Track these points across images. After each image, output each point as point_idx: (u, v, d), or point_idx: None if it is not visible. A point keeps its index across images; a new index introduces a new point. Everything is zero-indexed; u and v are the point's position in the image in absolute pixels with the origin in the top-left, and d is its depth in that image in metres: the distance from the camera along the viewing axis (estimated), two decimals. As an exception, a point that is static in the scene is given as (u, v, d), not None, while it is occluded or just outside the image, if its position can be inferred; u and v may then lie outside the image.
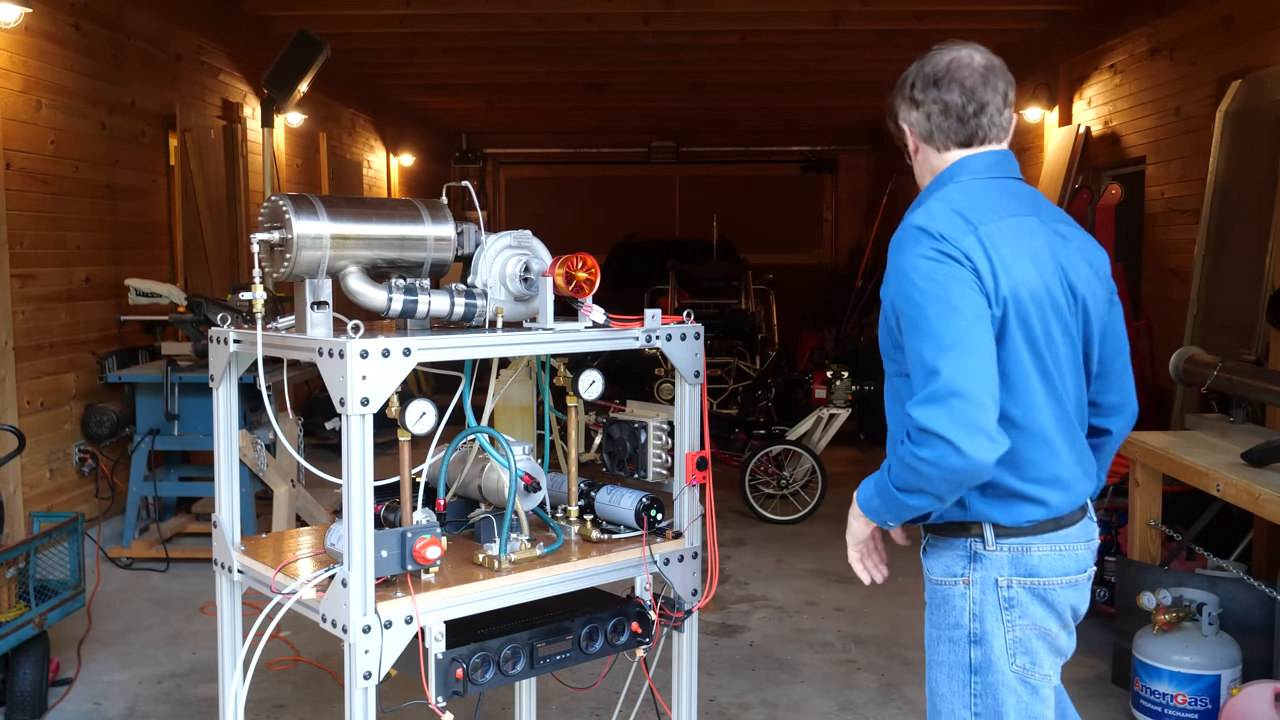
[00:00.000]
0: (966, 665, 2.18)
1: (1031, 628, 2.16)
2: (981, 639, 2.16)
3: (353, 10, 8.60)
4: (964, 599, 2.17)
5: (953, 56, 2.21)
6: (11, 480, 5.35)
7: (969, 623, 2.17)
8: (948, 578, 2.20)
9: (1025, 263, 2.08)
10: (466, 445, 2.55)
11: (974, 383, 1.97)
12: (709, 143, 16.37)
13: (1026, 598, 2.15)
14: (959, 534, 2.18)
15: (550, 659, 2.36)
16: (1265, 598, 3.74)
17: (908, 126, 2.28)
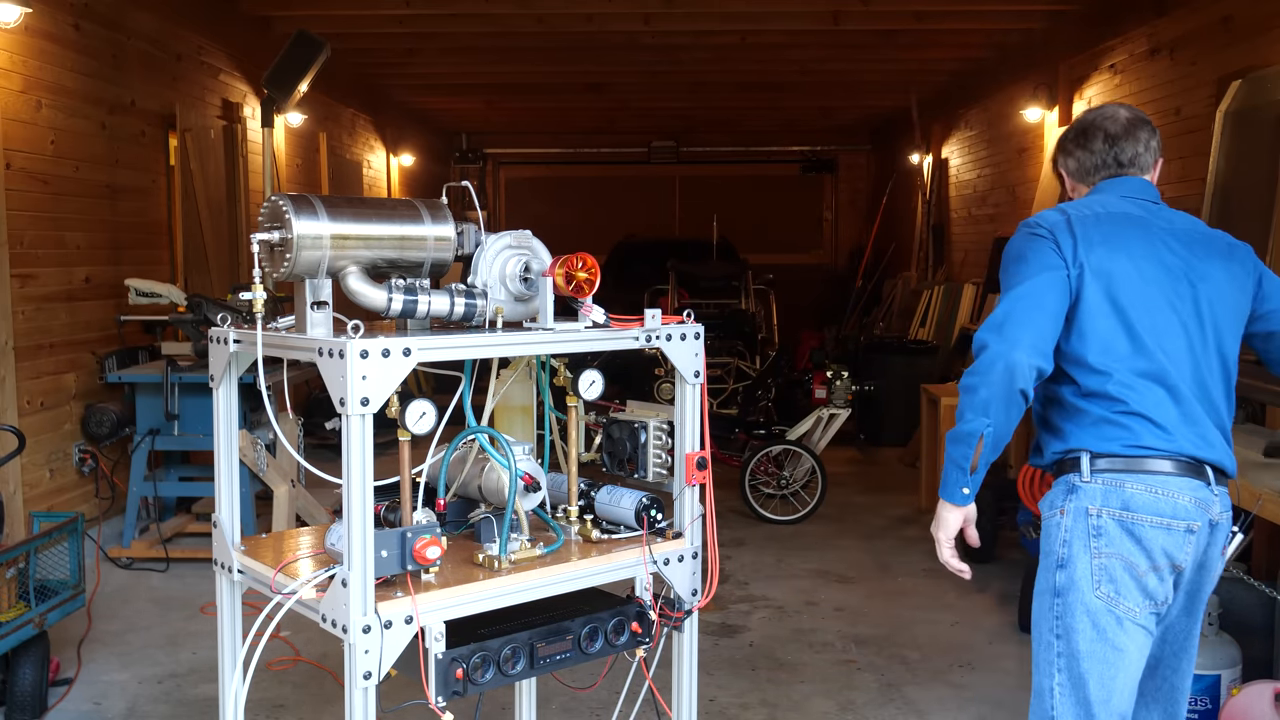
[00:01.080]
0: (1052, 589, 2.41)
1: (1117, 558, 2.35)
2: (1067, 563, 2.39)
3: (353, 10, 8.61)
4: (1058, 528, 2.41)
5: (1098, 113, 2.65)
6: (11, 480, 5.35)
7: (1059, 549, 2.40)
8: (1050, 511, 2.44)
9: (1113, 246, 2.43)
10: (466, 445, 2.55)
11: (1023, 308, 2.38)
12: (709, 143, 16.37)
13: (1115, 529, 2.35)
14: (1063, 470, 2.44)
15: (550, 659, 2.36)
16: (1265, 598, 3.74)
17: (1064, 172, 2.70)
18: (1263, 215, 5.55)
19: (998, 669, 4.52)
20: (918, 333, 11.06)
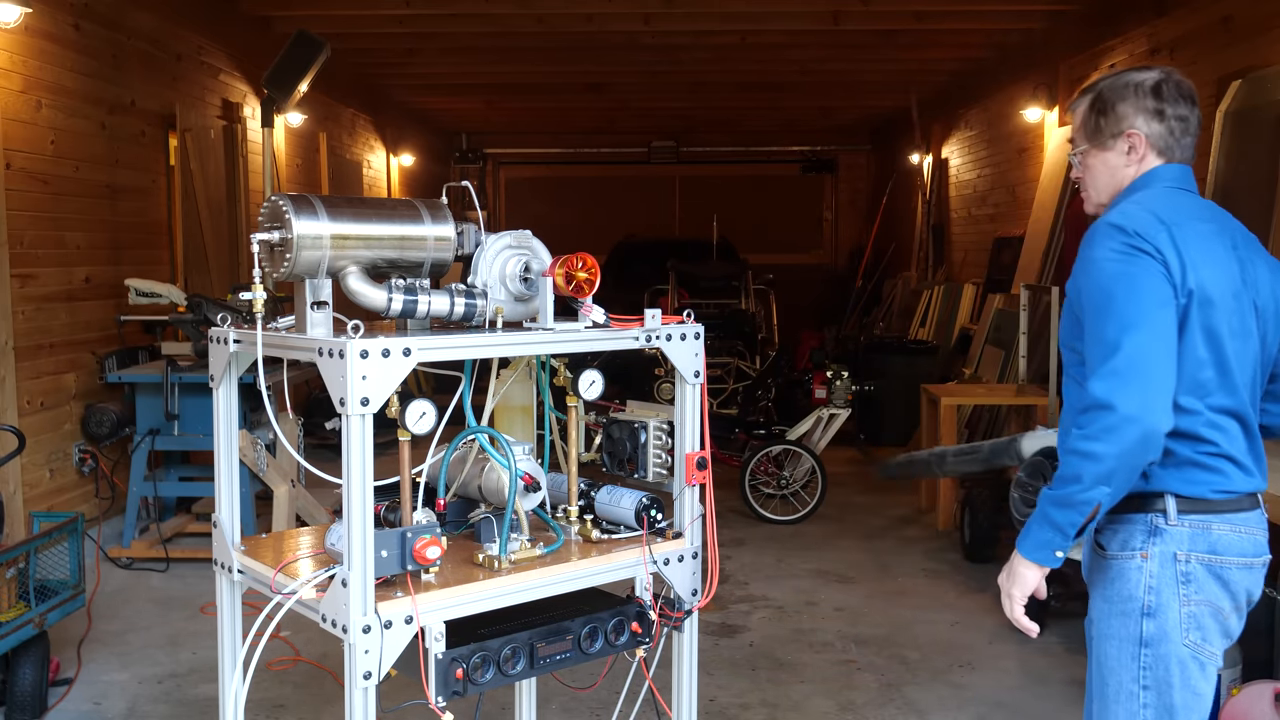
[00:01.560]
0: (1137, 638, 2.25)
1: (1206, 604, 2.24)
2: (1155, 612, 2.23)
3: (353, 10, 8.61)
4: (1140, 572, 2.24)
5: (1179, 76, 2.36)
6: (11, 480, 5.35)
7: (1143, 595, 2.23)
8: (1124, 552, 2.26)
9: (1210, 263, 2.21)
10: (466, 445, 2.55)
11: (1154, 359, 2.11)
12: (709, 143, 16.37)
13: (1203, 574, 2.23)
14: (1140, 509, 2.25)
15: (550, 659, 2.36)
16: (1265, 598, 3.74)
17: (1142, 135, 2.34)
18: (1263, 215, 5.55)
19: (998, 669, 4.52)
20: (918, 333, 11.07)
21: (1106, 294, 2.16)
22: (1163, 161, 2.34)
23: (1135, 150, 2.34)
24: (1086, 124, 2.38)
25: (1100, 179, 2.39)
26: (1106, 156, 2.37)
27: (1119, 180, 2.36)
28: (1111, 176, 2.37)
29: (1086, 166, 2.41)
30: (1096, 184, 2.40)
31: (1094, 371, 2.13)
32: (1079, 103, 2.42)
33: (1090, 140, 2.38)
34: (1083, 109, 2.40)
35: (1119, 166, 2.36)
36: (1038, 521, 2.20)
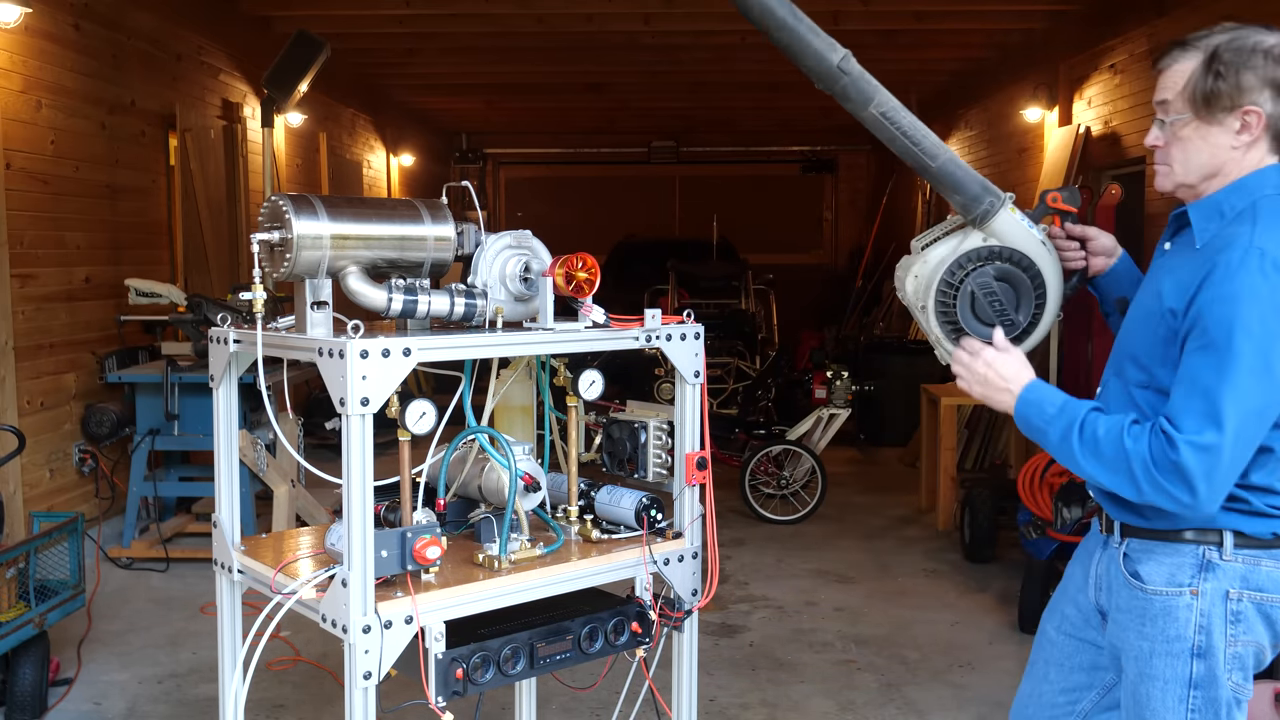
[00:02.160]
0: (1186, 680, 2.06)
1: (1252, 644, 2.07)
2: (1206, 653, 2.05)
3: (353, 10, 8.61)
4: (1190, 610, 2.05)
5: None
6: (11, 480, 5.35)
7: (1193, 635, 2.05)
8: (1172, 587, 2.06)
9: None
10: (466, 445, 2.55)
11: (1246, 448, 1.93)
12: (709, 143, 16.37)
13: (1253, 613, 2.05)
14: (1189, 540, 2.05)
15: (550, 659, 2.36)
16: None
17: (1264, 115, 1.99)
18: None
19: (998, 669, 4.52)
20: (918, 333, 11.06)
21: (1233, 347, 1.88)
22: (1274, 155, 2.03)
23: (1249, 131, 2.00)
24: (1195, 87, 2.01)
25: (1196, 157, 2.05)
26: (1212, 132, 2.02)
27: (1219, 164, 2.03)
28: (1212, 157, 2.03)
29: (1180, 138, 2.05)
30: (1188, 161, 2.05)
31: (1186, 420, 1.90)
32: (1182, 58, 2.07)
33: (1196, 108, 2.01)
34: (1191, 67, 2.03)
35: (1224, 147, 2.02)
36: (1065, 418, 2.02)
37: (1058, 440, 2.04)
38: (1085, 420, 2.02)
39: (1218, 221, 2.02)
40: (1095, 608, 2.26)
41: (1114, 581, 2.17)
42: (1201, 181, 2.06)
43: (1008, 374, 2.12)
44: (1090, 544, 2.31)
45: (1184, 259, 2.05)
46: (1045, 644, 2.38)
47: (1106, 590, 2.21)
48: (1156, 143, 2.10)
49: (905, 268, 2.38)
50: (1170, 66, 2.07)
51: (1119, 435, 1.97)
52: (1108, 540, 2.21)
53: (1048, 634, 2.38)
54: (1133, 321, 2.16)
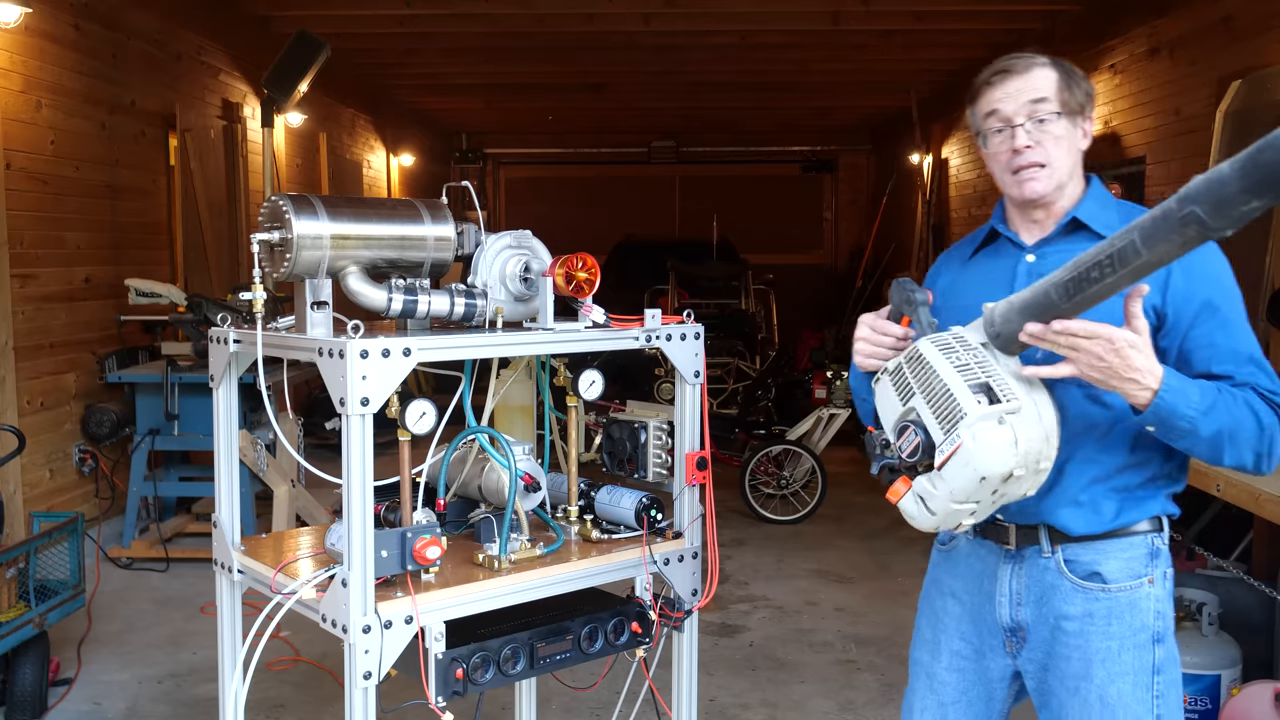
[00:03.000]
0: (1151, 667, 2.07)
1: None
2: (1164, 637, 2.09)
3: (353, 10, 8.61)
4: (1149, 599, 2.08)
5: None
6: (11, 480, 5.35)
7: (1154, 622, 2.08)
8: (1132, 580, 2.07)
9: None
10: (466, 445, 2.55)
11: None
12: (709, 143, 16.38)
13: (1173, 588, 2.15)
14: (1141, 531, 2.09)
15: (550, 659, 2.36)
16: (1265, 598, 3.74)
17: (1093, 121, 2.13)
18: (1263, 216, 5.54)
19: (998, 669, 4.52)
20: (918, 333, 11.05)
21: (1240, 311, 2.03)
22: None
23: (1088, 138, 2.11)
24: (1066, 90, 2.05)
25: (1069, 155, 2.08)
26: (1073, 135, 2.08)
27: (1076, 170, 2.10)
28: (1075, 161, 2.09)
29: (1056, 137, 2.05)
30: (1065, 159, 2.07)
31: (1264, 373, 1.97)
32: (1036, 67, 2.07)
33: (1065, 106, 2.05)
34: (1051, 74, 2.06)
35: (1077, 150, 2.10)
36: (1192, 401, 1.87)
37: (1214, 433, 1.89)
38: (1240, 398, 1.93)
39: (1118, 220, 2.03)
40: (1006, 628, 2.17)
41: (1051, 592, 2.10)
42: (1067, 181, 2.09)
43: (1139, 363, 1.83)
44: (984, 564, 2.19)
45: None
46: (937, 686, 2.27)
47: (1034, 604, 2.13)
48: (1030, 143, 2.04)
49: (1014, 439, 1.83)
50: (1031, 70, 2.06)
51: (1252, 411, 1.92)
52: (1023, 552, 2.12)
53: (937, 675, 2.27)
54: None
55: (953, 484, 1.81)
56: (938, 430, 1.82)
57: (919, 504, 1.87)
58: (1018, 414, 1.79)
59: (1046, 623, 2.11)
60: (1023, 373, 1.85)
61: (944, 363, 1.84)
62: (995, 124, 2.07)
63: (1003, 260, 2.16)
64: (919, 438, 1.84)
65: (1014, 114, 2.04)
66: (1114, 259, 1.66)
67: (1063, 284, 1.75)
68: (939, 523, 1.89)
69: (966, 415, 1.78)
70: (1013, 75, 2.06)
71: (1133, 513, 2.07)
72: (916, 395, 1.87)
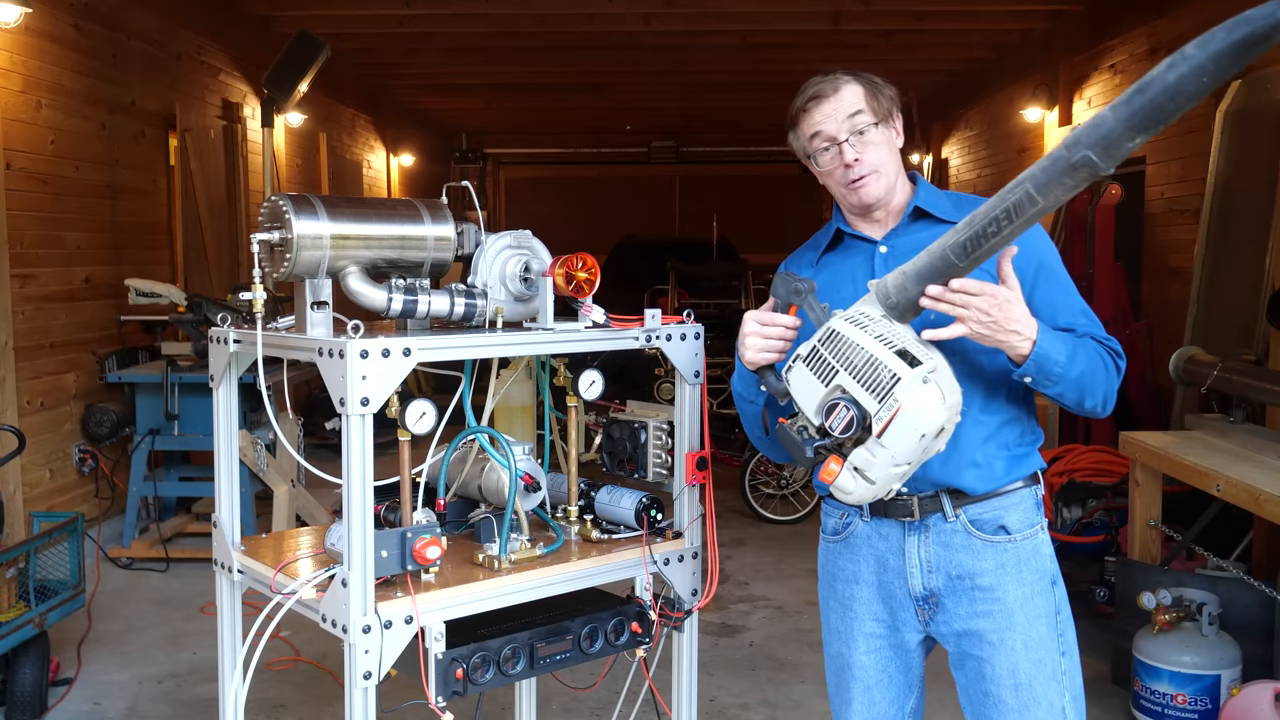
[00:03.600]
0: (1054, 609, 2.23)
1: None
2: (1058, 579, 2.26)
3: (353, 10, 8.61)
4: (1044, 544, 2.25)
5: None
6: (11, 480, 5.35)
7: (1050, 566, 2.25)
8: (1029, 529, 2.23)
9: None
10: (466, 445, 2.55)
11: None
12: (709, 143, 16.38)
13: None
14: (1029, 484, 2.25)
15: (550, 659, 2.36)
16: (1265, 598, 3.74)
17: (900, 119, 2.33)
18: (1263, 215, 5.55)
19: (998, 669, 4.51)
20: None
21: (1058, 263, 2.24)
22: None
23: (900, 138, 2.28)
24: (869, 97, 2.20)
25: (892, 158, 2.25)
26: (890, 137, 2.24)
27: (898, 163, 2.27)
28: (897, 160, 2.26)
29: (877, 144, 2.21)
30: (891, 161, 2.24)
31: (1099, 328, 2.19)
32: (843, 85, 2.20)
33: (876, 114, 2.20)
34: (857, 88, 2.20)
35: (896, 149, 2.27)
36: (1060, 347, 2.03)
37: (1079, 376, 2.07)
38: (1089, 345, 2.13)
39: (948, 204, 2.26)
40: (918, 598, 2.25)
41: (961, 553, 2.21)
42: (896, 180, 2.25)
43: (1019, 315, 1.99)
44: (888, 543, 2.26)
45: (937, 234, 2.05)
46: (859, 672, 2.36)
47: (942, 569, 2.22)
48: (857, 155, 2.19)
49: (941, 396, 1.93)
50: (840, 90, 2.20)
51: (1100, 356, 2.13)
52: (928, 522, 2.22)
53: (856, 661, 2.35)
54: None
55: (894, 448, 1.89)
56: (870, 400, 1.89)
57: (856, 477, 1.94)
58: (937, 371, 1.91)
59: (962, 584, 2.22)
60: (922, 337, 1.97)
61: (863, 335, 1.94)
62: (821, 144, 2.22)
63: (855, 256, 2.29)
64: (851, 412, 1.90)
65: (836, 132, 2.19)
66: (1010, 212, 1.80)
67: (960, 245, 1.88)
68: (877, 491, 1.95)
69: (900, 379, 1.87)
70: (825, 99, 2.20)
71: (1019, 468, 2.22)
72: (840, 373, 1.94)
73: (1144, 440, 4.27)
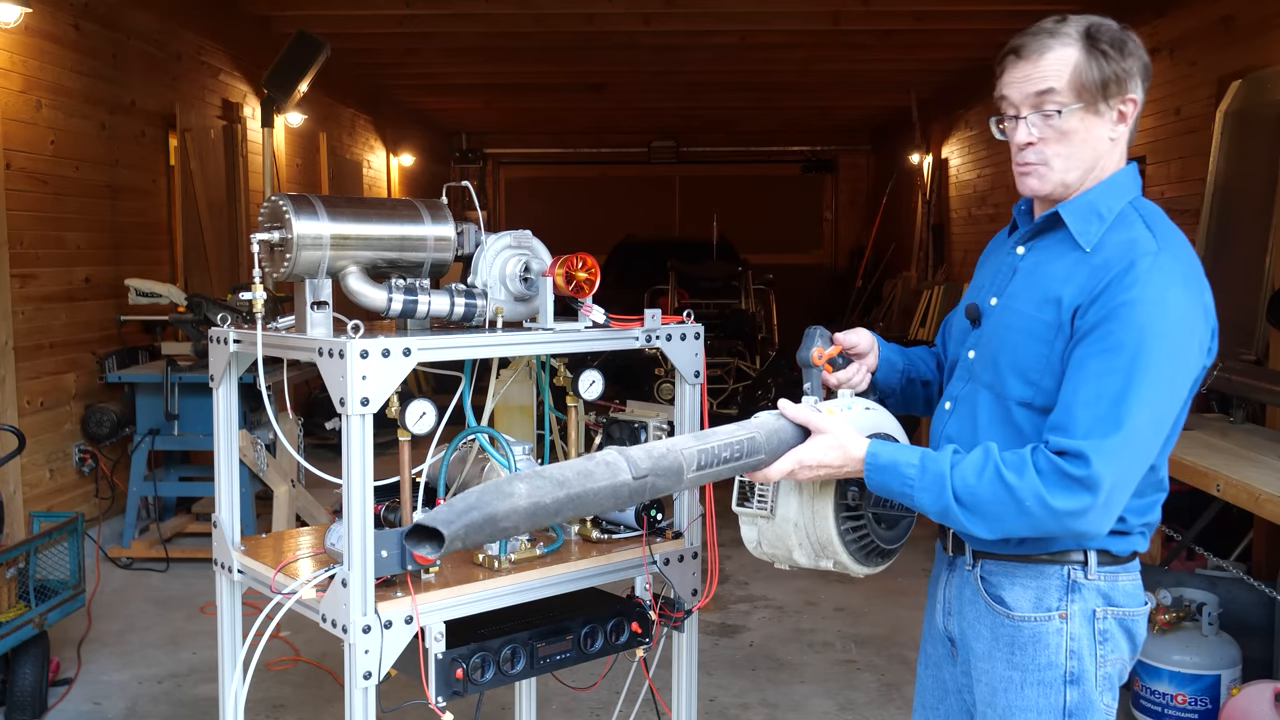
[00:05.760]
0: (1061, 709, 1.92)
1: (1119, 661, 1.95)
2: (1079, 679, 1.91)
3: (353, 10, 8.61)
4: (1060, 635, 1.91)
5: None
6: (11, 480, 5.35)
7: (1065, 661, 1.91)
8: (1040, 613, 1.91)
9: None
10: (466, 445, 2.55)
11: (1146, 456, 1.81)
12: (709, 143, 16.37)
13: (1116, 630, 1.93)
14: (1052, 560, 1.91)
15: (550, 659, 2.36)
16: (1265, 598, 3.74)
17: (1138, 100, 1.86)
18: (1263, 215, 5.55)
19: (998, 669, 4.52)
20: (918, 333, 11.07)
21: (1141, 349, 1.73)
22: (1127, 154, 1.91)
23: (1125, 121, 1.87)
24: (1084, 73, 1.81)
25: (1080, 150, 1.86)
26: (1095, 124, 1.85)
27: (1097, 158, 1.87)
28: (1094, 151, 1.86)
29: (1063, 132, 1.84)
30: (1072, 156, 1.86)
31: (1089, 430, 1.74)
32: (1053, 44, 1.82)
33: (1087, 95, 1.82)
34: (1071, 54, 1.82)
35: (1103, 140, 1.86)
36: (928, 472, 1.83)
37: (933, 508, 1.85)
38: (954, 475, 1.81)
39: (1098, 223, 1.86)
40: (945, 636, 2.11)
41: (969, 607, 2.01)
42: (1082, 179, 1.88)
43: (829, 458, 1.91)
44: (936, 566, 2.15)
45: (1064, 262, 1.87)
46: (919, 686, 2.23)
47: (958, 615, 2.04)
48: (1030, 139, 1.88)
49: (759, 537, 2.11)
50: (1043, 54, 1.83)
51: (996, 474, 1.78)
52: (955, 561, 2.04)
53: (919, 676, 2.23)
54: (1007, 332, 1.92)
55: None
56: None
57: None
58: (772, 519, 2.06)
59: (966, 640, 2.03)
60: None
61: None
62: (1007, 110, 1.91)
63: (1008, 247, 2.05)
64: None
65: (1019, 104, 1.87)
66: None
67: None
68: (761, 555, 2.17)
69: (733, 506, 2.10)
70: (1021, 60, 1.86)
71: (1043, 540, 1.88)
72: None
73: (1144, 440, 4.26)
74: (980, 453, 1.82)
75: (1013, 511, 1.77)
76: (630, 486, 1.81)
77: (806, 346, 2.09)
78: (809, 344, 2.09)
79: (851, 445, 1.91)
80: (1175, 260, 1.79)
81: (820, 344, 2.08)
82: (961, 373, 2.03)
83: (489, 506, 1.70)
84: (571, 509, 1.78)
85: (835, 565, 2.04)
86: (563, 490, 1.76)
